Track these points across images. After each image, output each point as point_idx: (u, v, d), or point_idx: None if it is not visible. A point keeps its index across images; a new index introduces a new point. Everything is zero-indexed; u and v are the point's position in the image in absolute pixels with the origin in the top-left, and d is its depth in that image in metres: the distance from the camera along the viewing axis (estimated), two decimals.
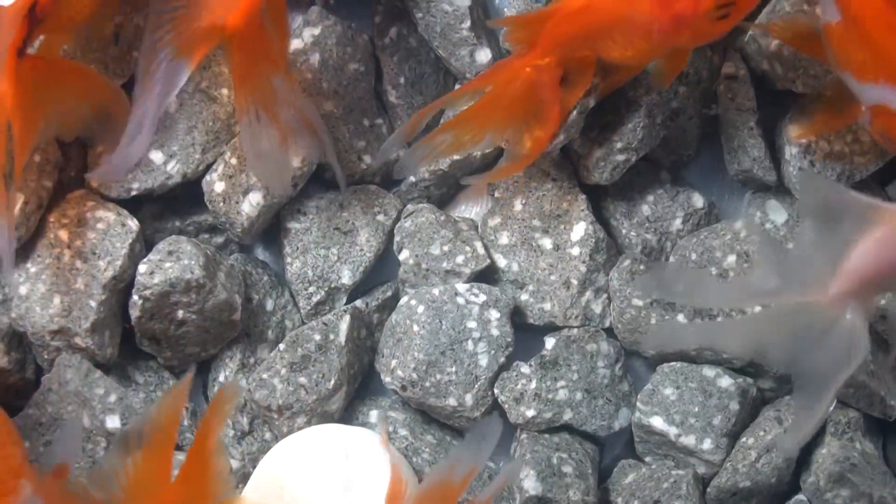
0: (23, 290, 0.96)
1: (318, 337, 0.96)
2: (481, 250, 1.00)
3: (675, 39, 0.88)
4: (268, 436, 0.98)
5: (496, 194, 1.02)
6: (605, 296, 1.01)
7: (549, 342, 0.99)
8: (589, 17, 0.88)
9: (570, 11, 0.88)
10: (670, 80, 0.95)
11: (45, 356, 0.97)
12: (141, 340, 0.97)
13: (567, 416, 0.98)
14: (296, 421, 0.96)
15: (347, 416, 0.99)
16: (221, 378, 0.99)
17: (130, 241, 0.96)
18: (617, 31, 0.88)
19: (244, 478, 0.95)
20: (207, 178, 0.98)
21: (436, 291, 0.98)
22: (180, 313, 0.95)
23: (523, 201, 1.01)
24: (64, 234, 0.96)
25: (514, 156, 0.94)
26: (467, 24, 1.00)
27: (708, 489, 0.97)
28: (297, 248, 1.01)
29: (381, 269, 1.03)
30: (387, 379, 0.98)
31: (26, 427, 0.96)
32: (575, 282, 1.00)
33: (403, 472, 0.92)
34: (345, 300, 1.01)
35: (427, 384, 0.96)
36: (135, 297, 0.94)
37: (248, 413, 0.98)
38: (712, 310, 0.97)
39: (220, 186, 0.97)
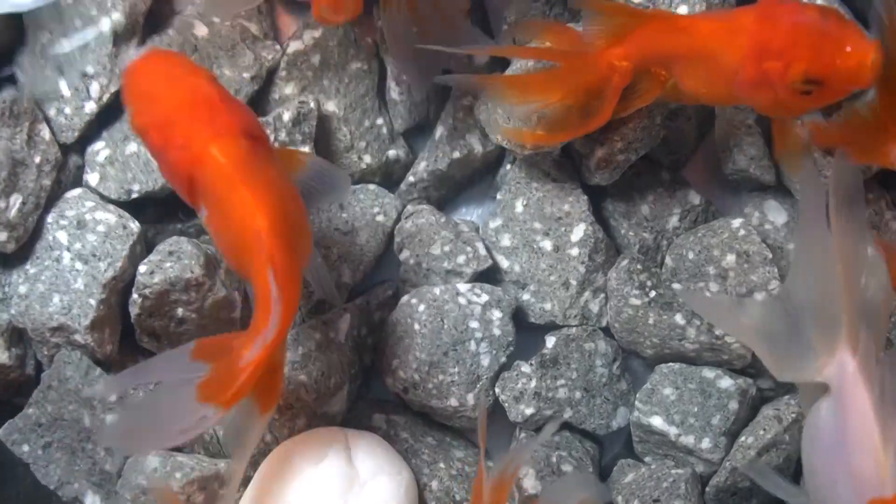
0: (22, 289, 0.96)
1: (318, 335, 0.96)
2: (483, 251, 1.00)
3: (754, 95, 0.86)
4: (268, 438, 0.97)
5: (498, 196, 1.02)
6: (602, 295, 1.01)
7: (550, 341, 0.99)
8: (684, 40, 0.87)
9: (668, 27, 0.88)
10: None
11: (45, 352, 0.97)
12: (141, 338, 0.97)
13: (567, 414, 0.98)
14: (296, 423, 0.96)
15: (351, 417, 0.99)
16: None
17: (131, 242, 0.96)
18: (704, 64, 0.87)
19: (245, 480, 0.95)
20: None
21: (437, 291, 0.98)
22: (180, 311, 0.94)
23: (524, 202, 1.01)
24: (63, 236, 0.96)
25: (548, 128, 0.94)
26: (466, 24, 1.00)
27: (707, 488, 0.97)
28: None
29: (382, 268, 1.03)
30: (388, 380, 0.98)
31: (25, 426, 0.96)
32: (574, 282, 1.00)
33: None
34: (345, 299, 1.01)
35: (429, 385, 0.96)
36: (134, 296, 0.94)
37: None
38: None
39: None
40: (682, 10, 0.96)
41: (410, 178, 1.02)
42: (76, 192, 0.98)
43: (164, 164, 0.83)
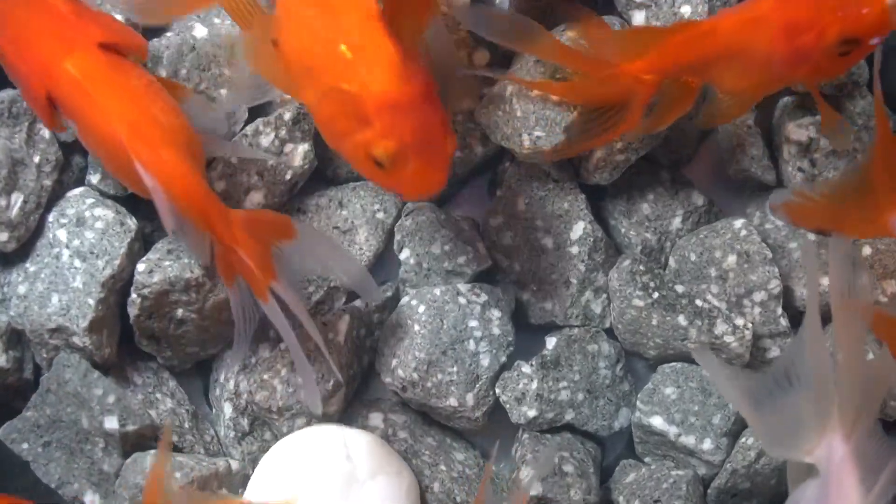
0: (21, 289, 0.95)
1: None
2: (483, 250, 1.00)
3: (795, 73, 0.87)
4: (268, 436, 0.98)
5: (498, 193, 1.01)
6: (604, 296, 1.00)
7: (550, 342, 0.99)
8: (710, 44, 0.87)
9: (691, 35, 0.87)
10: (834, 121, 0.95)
11: (44, 355, 0.96)
12: (140, 340, 0.96)
13: (569, 416, 0.98)
14: (295, 422, 0.96)
15: (347, 417, 0.99)
16: (222, 378, 0.99)
17: (129, 240, 0.95)
18: (736, 60, 0.87)
19: (244, 478, 0.95)
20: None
21: (437, 291, 0.98)
22: (180, 312, 0.94)
23: (526, 201, 1.00)
24: (63, 234, 0.96)
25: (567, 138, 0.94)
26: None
27: (708, 490, 0.96)
28: None
29: (382, 268, 1.02)
30: (387, 379, 0.98)
31: (24, 427, 0.96)
32: (574, 281, 1.00)
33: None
34: (344, 300, 1.00)
35: (428, 384, 0.96)
36: (133, 296, 0.93)
37: (248, 414, 0.97)
38: (712, 311, 0.97)
39: (219, 186, 0.97)
40: (685, 9, 0.96)
41: None
42: (78, 190, 0.98)
43: (22, 85, 0.85)
